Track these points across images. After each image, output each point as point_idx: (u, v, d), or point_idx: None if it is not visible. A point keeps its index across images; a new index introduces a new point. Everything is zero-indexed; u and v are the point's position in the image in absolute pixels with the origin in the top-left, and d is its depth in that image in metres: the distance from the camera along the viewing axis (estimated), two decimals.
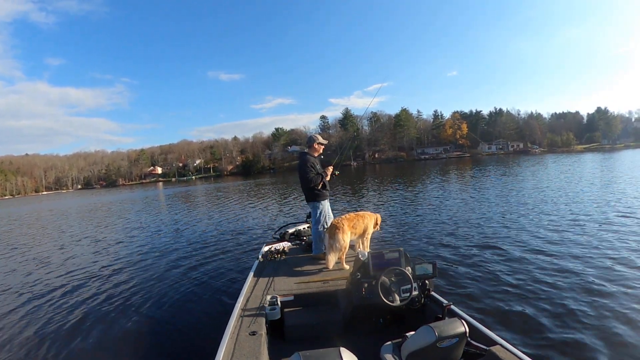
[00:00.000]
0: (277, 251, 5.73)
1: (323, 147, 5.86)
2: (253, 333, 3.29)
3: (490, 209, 13.22)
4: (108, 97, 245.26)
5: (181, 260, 9.22)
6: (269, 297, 3.89)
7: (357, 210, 5.81)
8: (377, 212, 5.93)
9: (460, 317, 3.14)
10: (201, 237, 12.22)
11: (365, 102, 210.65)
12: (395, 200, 18.43)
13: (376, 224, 5.67)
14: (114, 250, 11.43)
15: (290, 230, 6.98)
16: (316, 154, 5.77)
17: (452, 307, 3.50)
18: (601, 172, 26.08)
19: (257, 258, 5.66)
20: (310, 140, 5.79)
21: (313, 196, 5.60)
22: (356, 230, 5.27)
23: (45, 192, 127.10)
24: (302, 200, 18.16)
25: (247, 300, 4.07)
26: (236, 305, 3.91)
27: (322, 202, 5.63)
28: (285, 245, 6.08)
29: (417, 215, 13.12)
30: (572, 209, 12.08)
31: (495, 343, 2.86)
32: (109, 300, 6.75)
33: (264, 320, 3.61)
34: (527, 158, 64.83)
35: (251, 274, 4.96)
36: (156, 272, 8.37)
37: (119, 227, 17.18)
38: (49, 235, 16.68)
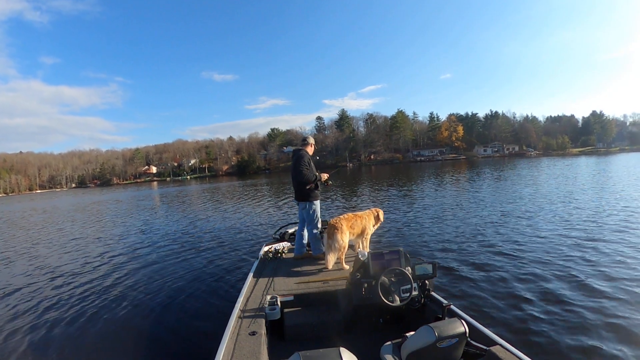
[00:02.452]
0: (277, 251, 5.74)
1: (313, 147, 5.90)
2: (253, 333, 3.29)
3: (489, 210, 13.31)
4: (102, 96, 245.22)
5: (180, 261, 9.14)
6: (268, 297, 3.89)
7: (354, 211, 5.82)
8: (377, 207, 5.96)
9: (460, 317, 3.16)
10: (200, 237, 12.11)
11: (360, 103, 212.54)
12: (394, 201, 18.49)
13: (378, 218, 5.70)
14: (110, 250, 11.27)
15: (290, 231, 6.95)
16: (311, 153, 5.78)
17: (452, 307, 3.53)
18: (596, 176, 26.22)
19: (257, 258, 5.66)
20: (306, 140, 5.81)
21: (305, 195, 5.55)
22: (354, 231, 5.29)
23: (39, 191, 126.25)
24: None
25: (247, 301, 4.06)
26: (236, 305, 3.91)
27: (314, 201, 5.61)
28: (285, 245, 6.06)
29: (417, 216, 13.17)
30: (569, 211, 12.17)
31: (495, 343, 2.88)
32: (106, 301, 6.68)
33: (263, 320, 3.60)
34: (523, 161, 65.12)
35: (251, 274, 4.96)
36: (154, 273, 8.28)
37: (114, 227, 17.00)
38: (44, 235, 16.52)
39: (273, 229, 10.54)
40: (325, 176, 5.73)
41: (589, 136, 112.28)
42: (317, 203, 5.67)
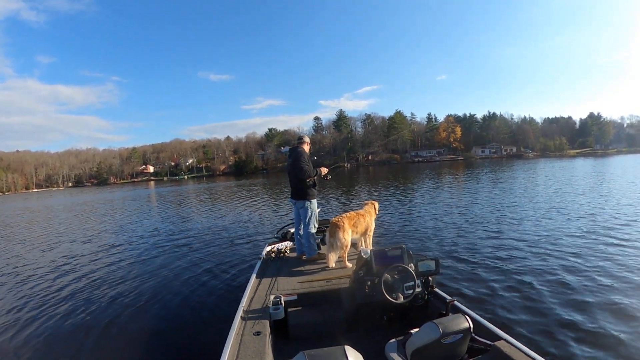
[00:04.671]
0: (280, 251, 5.75)
1: (309, 146, 5.87)
2: (257, 333, 3.31)
3: (489, 208, 13.44)
4: (98, 95, 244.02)
5: (182, 262, 9.06)
6: (272, 297, 3.91)
7: (353, 210, 5.82)
8: (373, 200, 5.98)
9: (464, 313, 3.18)
10: (202, 238, 12.03)
11: (355, 104, 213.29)
12: (395, 198, 18.60)
13: (376, 211, 5.73)
14: (113, 251, 11.19)
15: (292, 230, 6.90)
16: (307, 152, 5.75)
17: (456, 302, 3.55)
18: (594, 177, 26.32)
19: (260, 258, 5.66)
20: (302, 139, 5.78)
21: (303, 194, 5.54)
22: (357, 229, 5.30)
23: (35, 190, 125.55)
24: None
25: (251, 301, 4.08)
26: (240, 305, 3.92)
27: (312, 200, 5.59)
28: (287, 245, 6.06)
29: (418, 214, 13.25)
30: (570, 209, 12.24)
31: (499, 338, 2.89)
32: (110, 302, 6.63)
33: (268, 320, 3.61)
34: (521, 162, 65.32)
35: (254, 274, 4.96)
36: (157, 274, 8.23)
37: (115, 228, 16.88)
38: (46, 234, 16.46)
39: (274, 229, 10.52)
40: (325, 170, 5.77)
41: (587, 138, 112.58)
42: (314, 202, 5.66)
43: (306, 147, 5.73)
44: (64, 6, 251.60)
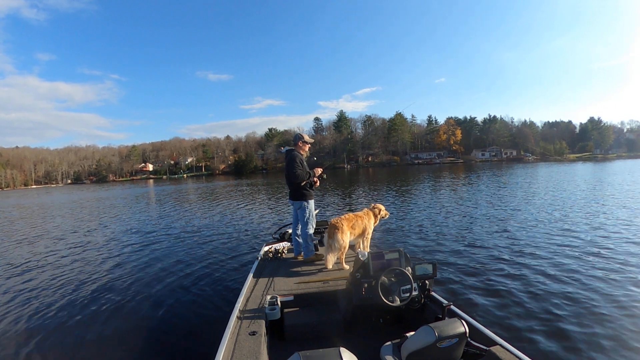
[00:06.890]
0: (277, 251, 5.74)
1: (309, 146, 5.81)
2: (253, 333, 3.30)
3: (487, 213, 13.40)
4: (98, 93, 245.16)
5: (179, 261, 9.03)
6: (268, 297, 3.90)
7: (352, 211, 5.82)
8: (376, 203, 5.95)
9: (460, 317, 3.18)
10: (199, 237, 12.00)
11: (355, 105, 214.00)
12: (394, 201, 18.56)
13: (379, 214, 5.68)
14: (108, 250, 11.16)
15: (290, 231, 6.91)
16: (303, 152, 5.71)
17: (452, 307, 3.54)
18: (593, 183, 26.33)
19: (257, 258, 5.66)
20: (295, 138, 5.76)
21: (300, 195, 5.55)
22: (355, 231, 5.29)
23: (34, 186, 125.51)
24: None
25: (247, 301, 4.07)
26: (236, 305, 3.91)
27: (309, 201, 5.59)
28: (284, 245, 6.08)
29: (416, 217, 13.26)
30: (565, 214, 12.23)
31: (495, 343, 2.89)
32: (105, 301, 6.57)
33: (263, 320, 3.61)
34: (521, 165, 65.31)
35: (251, 274, 4.96)
36: (153, 273, 8.18)
37: (112, 225, 16.86)
38: (39, 231, 16.44)
39: (272, 229, 10.50)
40: (319, 170, 5.73)
41: (587, 142, 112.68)
42: (312, 202, 5.66)
43: (302, 149, 5.70)
44: (63, 4, 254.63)
